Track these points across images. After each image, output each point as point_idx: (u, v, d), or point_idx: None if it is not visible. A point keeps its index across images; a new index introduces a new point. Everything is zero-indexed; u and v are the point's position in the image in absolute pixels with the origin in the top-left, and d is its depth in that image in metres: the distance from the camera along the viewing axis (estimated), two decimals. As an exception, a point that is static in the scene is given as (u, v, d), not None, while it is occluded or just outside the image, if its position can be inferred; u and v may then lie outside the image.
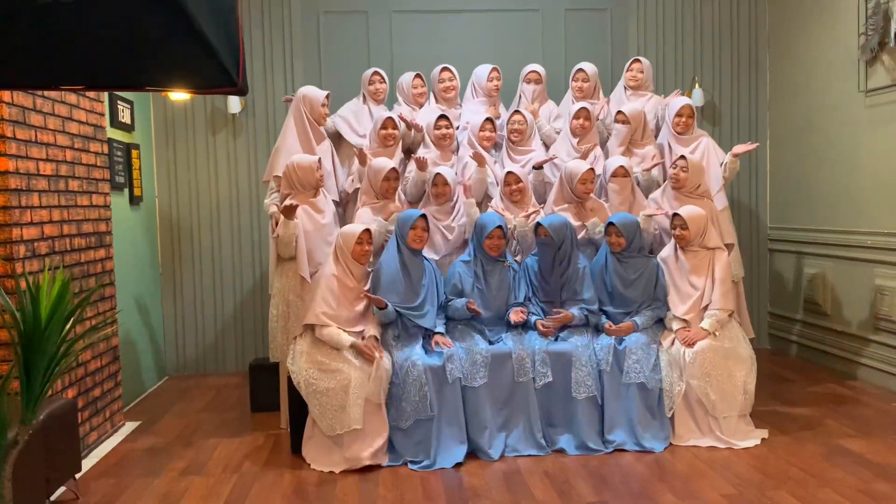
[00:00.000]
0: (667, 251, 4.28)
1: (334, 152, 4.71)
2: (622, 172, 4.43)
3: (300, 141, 4.57)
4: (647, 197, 4.59)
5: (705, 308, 4.06)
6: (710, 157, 4.69)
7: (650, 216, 4.34)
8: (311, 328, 3.91)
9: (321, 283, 3.96)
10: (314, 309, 3.89)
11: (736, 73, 6.09)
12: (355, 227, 4.04)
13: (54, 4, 1.29)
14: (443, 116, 4.70)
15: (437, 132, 4.66)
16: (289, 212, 4.12)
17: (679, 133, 4.73)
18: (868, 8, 4.86)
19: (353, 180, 4.66)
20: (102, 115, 4.45)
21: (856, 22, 5.00)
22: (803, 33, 5.63)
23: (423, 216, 4.09)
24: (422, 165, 4.46)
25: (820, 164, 5.50)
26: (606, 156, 4.75)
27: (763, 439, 3.95)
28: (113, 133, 4.86)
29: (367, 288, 4.02)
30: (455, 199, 4.45)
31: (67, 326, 2.28)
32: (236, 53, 1.62)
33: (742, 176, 6.11)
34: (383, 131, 4.58)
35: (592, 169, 4.40)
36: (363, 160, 4.46)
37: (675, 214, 4.14)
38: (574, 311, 4.07)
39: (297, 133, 4.59)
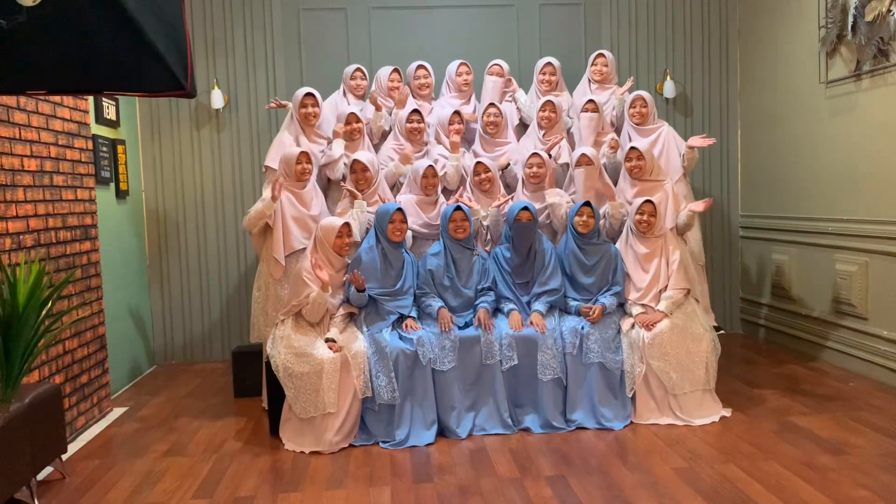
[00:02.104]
0: (619, 240, 4.45)
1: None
2: (585, 161, 4.59)
3: (290, 139, 4.75)
4: (614, 178, 4.76)
5: (662, 291, 4.23)
6: (669, 146, 4.85)
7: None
8: (295, 314, 4.08)
9: (303, 274, 4.12)
10: (300, 290, 4.05)
11: (707, 65, 6.25)
12: (335, 221, 4.22)
13: (9, 22, 1.45)
14: (415, 111, 4.86)
15: (409, 125, 4.82)
16: (274, 188, 4.36)
17: (637, 124, 4.90)
18: (828, 1, 5.02)
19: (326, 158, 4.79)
20: (86, 112, 4.62)
21: (817, 15, 5.16)
22: (771, 26, 5.79)
23: (400, 209, 4.26)
24: (406, 160, 4.65)
25: (786, 154, 5.67)
26: (573, 147, 4.91)
27: (723, 417, 4.13)
28: (98, 129, 5.03)
29: (345, 278, 4.20)
30: (438, 192, 4.63)
31: (43, 313, 2.45)
32: (184, 59, 1.78)
33: (714, 165, 6.28)
34: (347, 126, 4.75)
35: (538, 153, 4.59)
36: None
37: (647, 201, 4.31)
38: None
39: (290, 131, 4.79)
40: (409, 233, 4.48)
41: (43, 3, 1.42)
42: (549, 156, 4.76)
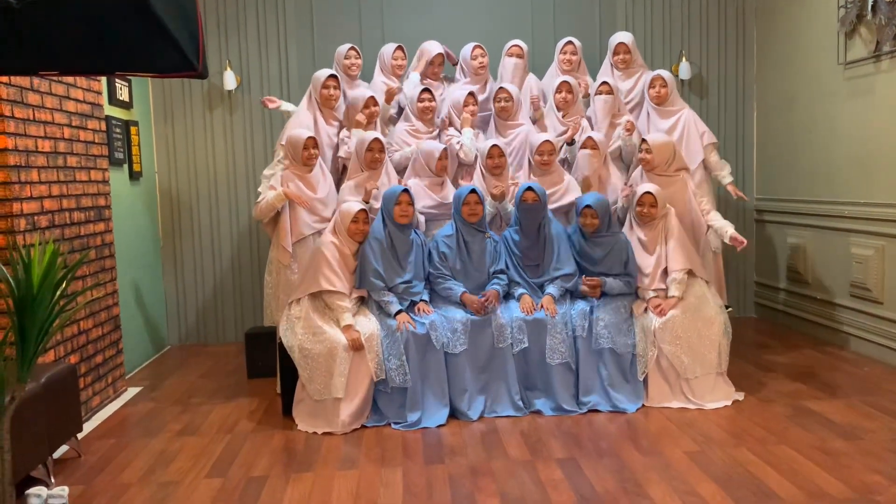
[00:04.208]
0: (624, 227, 4.42)
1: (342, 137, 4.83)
2: (591, 144, 4.55)
3: (308, 118, 4.74)
4: (630, 162, 4.72)
5: (664, 271, 4.22)
6: (689, 131, 4.80)
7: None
8: (311, 294, 4.08)
9: (322, 251, 4.12)
10: (320, 274, 4.06)
11: (723, 46, 6.17)
12: (352, 206, 4.20)
13: (19, 2, 1.45)
14: (426, 90, 4.83)
15: (420, 105, 4.80)
16: (287, 189, 4.41)
17: (657, 105, 4.84)
18: (847, -19, 4.94)
19: (347, 149, 4.75)
20: (100, 93, 4.62)
21: (836, -5, 5.08)
22: (789, 6, 5.71)
23: (406, 191, 4.24)
24: (390, 96, 4.83)
25: (802, 137, 5.61)
26: (592, 128, 4.87)
27: (735, 401, 4.12)
28: (112, 110, 5.04)
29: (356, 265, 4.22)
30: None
31: (57, 293, 2.47)
32: (196, 40, 1.77)
33: (729, 147, 6.22)
34: (366, 110, 4.71)
35: (549, 141, 4.55)
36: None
37: (647, 192, 4.28)
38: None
39: (309, 110, 4.77)
40: (422, 217, 4.47)
41: (53, -16, 1.42)
42: (573, 141, 4.74)
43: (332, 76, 4.75)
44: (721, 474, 3.22)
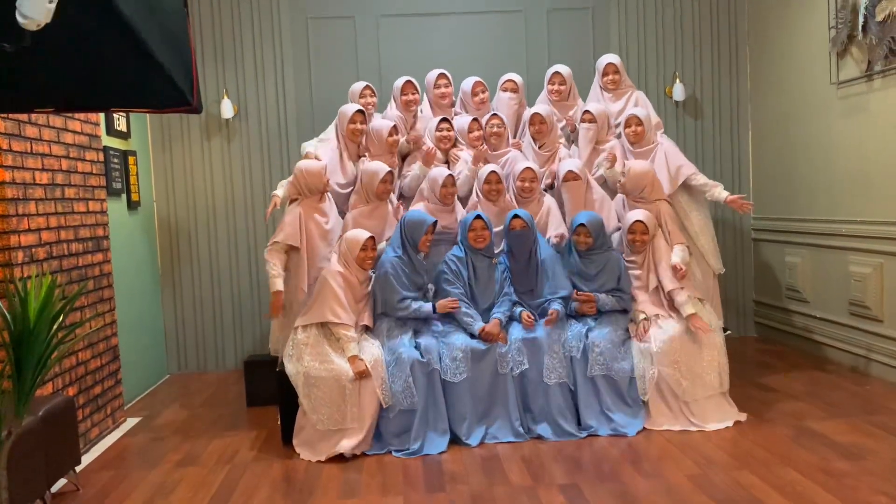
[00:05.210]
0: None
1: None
2: (572, 177, 4.54)
3: (335, 151, 4.70)
4: (612, 191, 4.73)
5: (655, 289, 4.26)
6: (658, 167, 4.71)
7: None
8: (317, 325, 4.06)
9: (329, 281, 4.10)
10: (326, 307, 4.04)
11: (717, 67, 6.22)
12: (360, 234, 4.18)
13: (13, 46, 1.47)
14: (444, 119, 4.87)
15: (438, 134, 4.84)
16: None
17: (631, 143, 4.81)
18: (838, 2, 4.98)
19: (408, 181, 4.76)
20: (97, 124, 4.65)
21: (827, 15, 5.12)
22: (780, 27, 5.76)
23: (435, 223, 4.26)
24: (429, 159, 4.66)
25: (798, 156, 5.63)
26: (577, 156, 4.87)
27: (737, 422, 4.10)
28: (109, 141, 5.06)
29: (368, 290, 4.24)
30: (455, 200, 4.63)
31: (55, 326, 2.47)
32: (190, 75, 1.78)
33: (725, 167, 6.25)
34: (390, 139, 4.69)
35: (530, 168, 4.55)
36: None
37: (637, 221, 4.30)
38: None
39: (334, 146, 4.73)
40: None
41: (46, 25, 1.43)
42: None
43: (360, 111, 4.71)
44: (724, 497, 3.20)
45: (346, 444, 3.89)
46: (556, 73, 5.14)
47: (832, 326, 5.28)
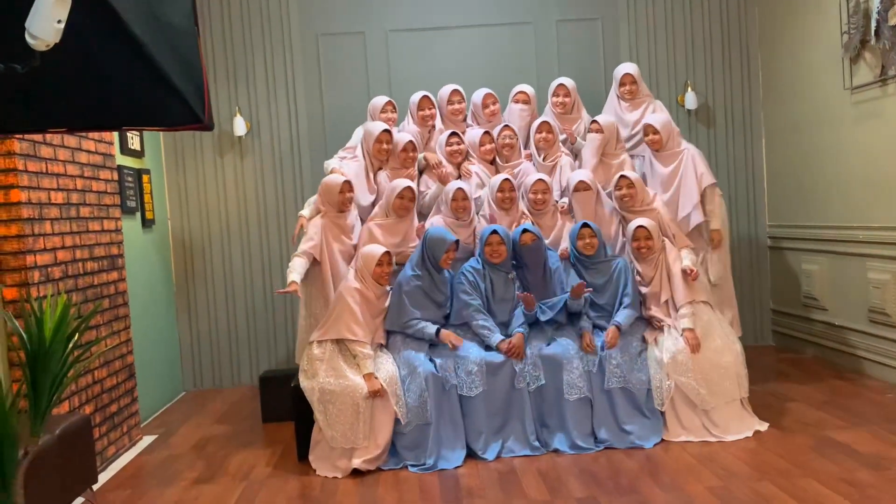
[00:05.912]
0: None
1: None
2: (583, 187, 4.53)
3: (359, 170, 4.71)
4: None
5: (665, 302, 4.23)
6: (686, 172, 4.72)
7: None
8: (333, 341, 4.06)
9: (345, 298, 4.10)
10: (342, 323, 4.04)
11: (728, 74, 6.19)
12: (375, 249, 4.18)
13: (24, 67, 1.48)
14: (454, 133, 4.87)
15: (448, 148, 4.84)
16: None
17: (655, 150, 4.81)
18: (850, 7, 4.95)
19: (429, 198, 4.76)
20: (111, 143, 4.69)
21: (839, 21, 5.09)
22: (791, 33, 5.73)
23: (457, 241, 4.25)
24: (445, 179, 4.65)
25: (812, 162, 5.59)
26: (581, 167, 4.86)
27: (757, 432, 4.05)
28: (123, 160, 5.10)
29: (386, 305, 4.23)
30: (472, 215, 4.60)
31: (70, 345, 2.47)
32: (201, 92, 1.79)
33: (740, 175, 6.21)
34: (404, 154, 4.71)
35: (542, 179, 4.56)
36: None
37: (639, 227, 4.30)
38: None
39: (360, 164, 4.74)
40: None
41: (57, 46, 1.44)
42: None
43: (386, 131, 4.71)
44: (745, 510, 3.16)
45: (362, 460, 3.87)
46: (561, 85, 5.13)
47: (851, 334, 5.21)
